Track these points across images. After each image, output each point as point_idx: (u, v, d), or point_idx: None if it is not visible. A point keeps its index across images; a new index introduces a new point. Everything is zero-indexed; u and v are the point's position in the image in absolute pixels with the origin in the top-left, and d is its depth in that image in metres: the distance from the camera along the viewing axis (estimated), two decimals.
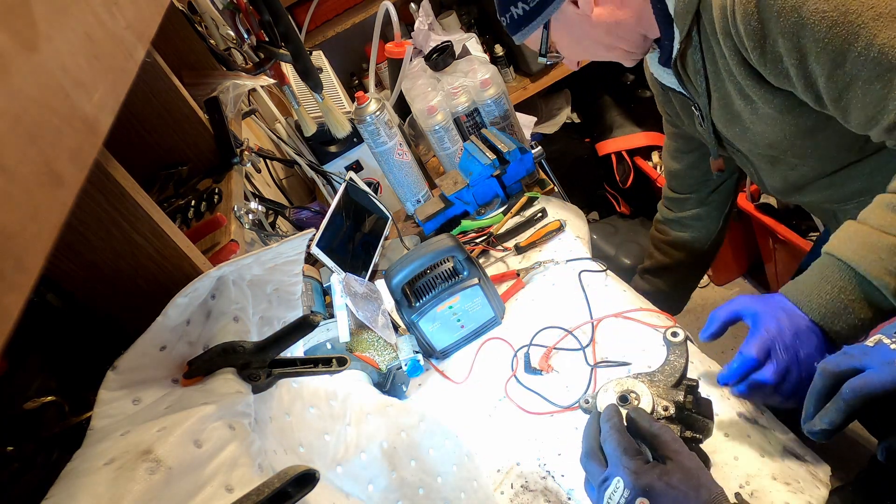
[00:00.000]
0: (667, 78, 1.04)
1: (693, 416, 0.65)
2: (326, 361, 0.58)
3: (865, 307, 0.78)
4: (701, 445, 0.79)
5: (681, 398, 0.65)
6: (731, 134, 1.03)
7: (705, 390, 0.86)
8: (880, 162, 0.93)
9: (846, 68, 0.75)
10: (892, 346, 0.57)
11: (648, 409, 0.64)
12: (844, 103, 0.79)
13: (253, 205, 1.06)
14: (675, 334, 0.70)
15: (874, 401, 0.54)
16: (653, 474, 0.57)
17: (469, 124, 1.48)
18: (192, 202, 0.87)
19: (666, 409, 0.64)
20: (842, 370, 0.57)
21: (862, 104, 0.77)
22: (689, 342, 0.97)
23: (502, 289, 1.18)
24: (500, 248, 1.27)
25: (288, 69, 1.27)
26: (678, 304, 1.51)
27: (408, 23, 2.01)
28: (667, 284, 1.44)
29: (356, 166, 1.54)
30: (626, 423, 0.63)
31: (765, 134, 0.96)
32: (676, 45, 0.93)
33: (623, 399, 0.65)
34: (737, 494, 0.56)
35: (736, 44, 0.83)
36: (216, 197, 0.89)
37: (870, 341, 0.59)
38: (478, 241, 1.28)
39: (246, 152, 1.00)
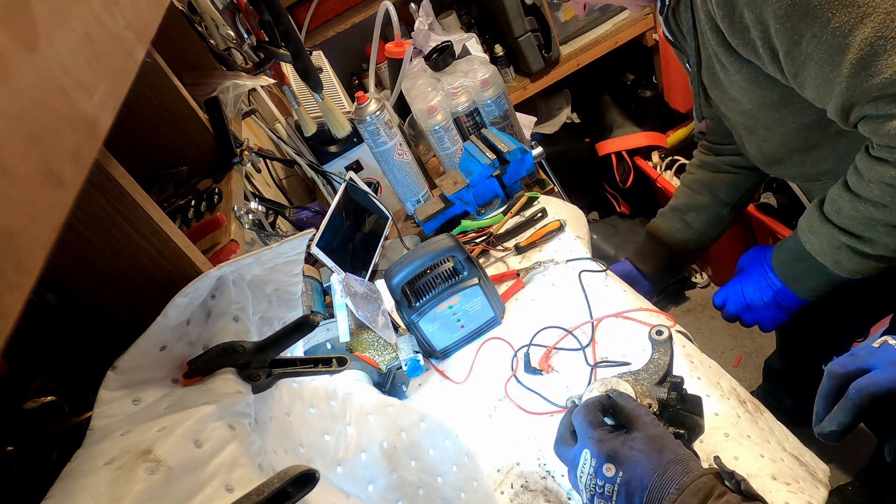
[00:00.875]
0: (667, 30, 1.04)
1: (680, 412, 0.66)
2: (326, 361, 0.58)
3: (816, 276, 0.97)
4: (701, 445, 0.79)
5: (664, 395, 0.65)
6: (714, 95, 1.05)
7: (698, 389, 0.86)
8: (845, 147, 0.96)
9: (802, 47, 0.78)
10: None
11: None
12: (800, 80, 0.82)
13: (253, 205, 1.06)
14: (659, 332, 0.70)
15: (880, 400, 0.55)
16: (616, 441, 0.58)
17: (469, 124, 1.48)
18: (192, 202, 0.87)
19: (649, 406, 0.64)
20: (848, 371, 0.58)
21: (814, 83, 0.80)
22: (687, 339, 0.98)
23: (502, 289, 1.18)
24: (500, 248, 1.27)
25: (288, 69, 1.27)
26: (696, 245, 1.35)
27: (408, 23, 2.01)
28: (690, 221, 1.31)
29: (356, 166, 1.54)
30: (609, 408, 0.64)
31: (738, 100, 0.99)
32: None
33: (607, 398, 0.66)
34: (716, 458, 0.56)
35: (710, 11, 0.85)
36: (216, 197, 0.89)
37: (876, 343, 0.60)
38: (478, 241, 1.28)
39: (246, 152, 1.00)
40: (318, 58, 1.75)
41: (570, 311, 1.07)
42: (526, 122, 1.72)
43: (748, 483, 0.53)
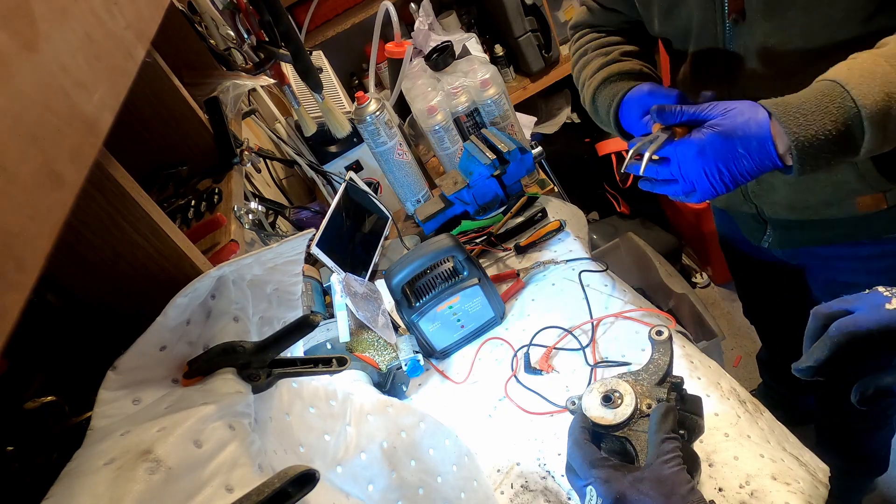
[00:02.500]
0: None
1: (679, 412, 0.66)
2: (326, 361, 0.58)
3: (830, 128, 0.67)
4: (701, 445, 0.79)
5: (664, 395, 0.65)
6: None
7: (698, 389, 0.86)
8: None
9: None
10: (886, 293, 0.57)
11: (631, 409, 0.65)
12: None
13: (253, 205, 1.06)
14: (659, 332, 0.70)
15: (859, 340, 0.54)
16: (624, 482, 0.57)
17: (469, 124, 1.48)
18: (192, 202, 0.87)
19: (649, 406, 0.64)
20: (832, 311, 0.58)
21: None
22: (687, 339, 0.98)
23: (502, 289, 1.18)
24: (500, 248, 1.27)
25: (288, 69, 1.27)
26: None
27: (408, 23, 2.01)
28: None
29: (356, 166, 1.54)
30: (595, 428, 0.65)
31: None
32: None
33: (606, 399, 0.66)
34: (711, 502, 0.56)
35: None
36: (216, 197, 0.89)
37: (867, 290, 0.60)
38: (478, 241, 1.28)
39: (246, 152, 1.00)
40: (318, 58, 1.75)
41: (570, 311, 1.07)
42: (526, 122, 1.72)
43: None
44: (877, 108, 0.65)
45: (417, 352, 1.07)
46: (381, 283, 1.20)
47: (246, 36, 1.12)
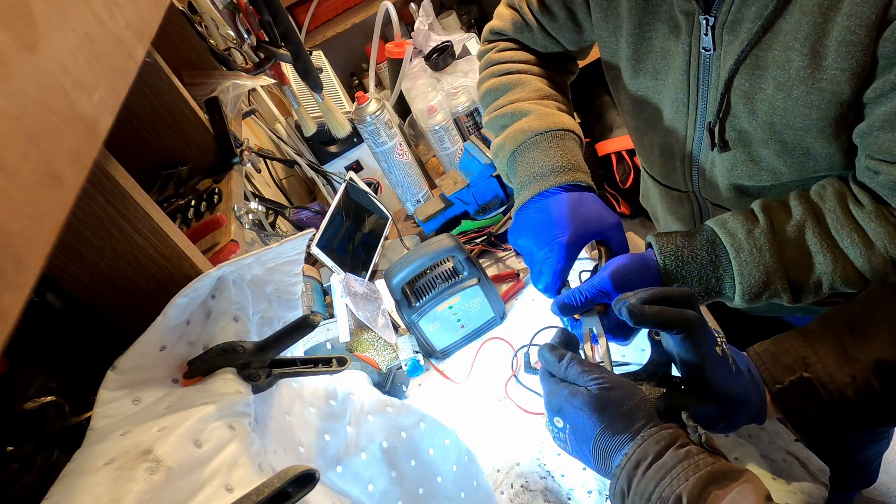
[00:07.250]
0: None
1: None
2: (326, 361, 0.58)
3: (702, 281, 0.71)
4: None
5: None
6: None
7: None
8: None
9: None
10: (719, 339, 0.61)
11: None
12: None
13: (253, 205, 1.06)
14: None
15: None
16: (561, 396, 0.59)
17: (469, 124, 1.48)
18: (192, 202, 0.87)
19: None
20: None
21: None
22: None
23: (502, 289, 1.18)
24: (500, 248, 1.27)
25: (288, 69, 1.27)
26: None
27: (408, 23, 2.01)
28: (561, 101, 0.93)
29: (356, 166, 1.54)
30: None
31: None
32: None
33: None
34: (682, 412, 0.56)
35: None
36: (216, 197, 0.89)
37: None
38: (478, 241, 1.28)
39: (246, 152, 1.00)
40: (318, 58, 1.75)
41: None
42: None
43: (711, 438, 0.53)
44: (752, 290, 0.67)
45: (417, 352, 1.07)
46: (381, 283, 1.20)
47: (246, 36, 1.12)
